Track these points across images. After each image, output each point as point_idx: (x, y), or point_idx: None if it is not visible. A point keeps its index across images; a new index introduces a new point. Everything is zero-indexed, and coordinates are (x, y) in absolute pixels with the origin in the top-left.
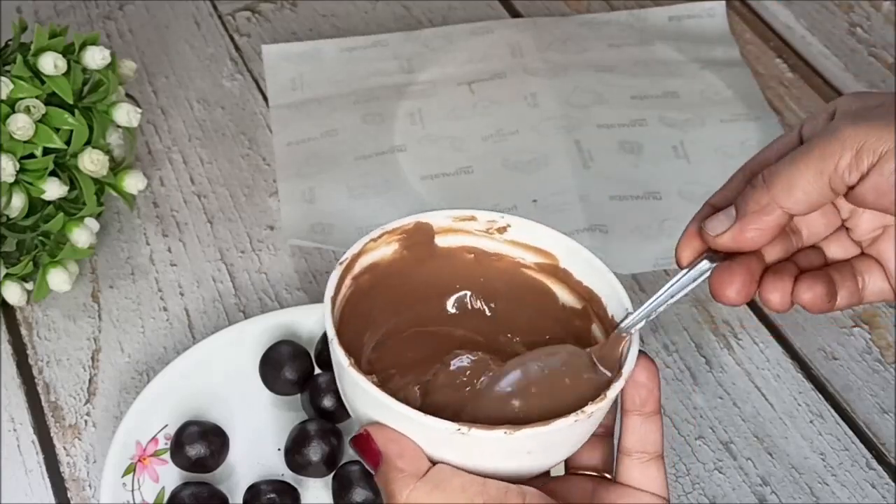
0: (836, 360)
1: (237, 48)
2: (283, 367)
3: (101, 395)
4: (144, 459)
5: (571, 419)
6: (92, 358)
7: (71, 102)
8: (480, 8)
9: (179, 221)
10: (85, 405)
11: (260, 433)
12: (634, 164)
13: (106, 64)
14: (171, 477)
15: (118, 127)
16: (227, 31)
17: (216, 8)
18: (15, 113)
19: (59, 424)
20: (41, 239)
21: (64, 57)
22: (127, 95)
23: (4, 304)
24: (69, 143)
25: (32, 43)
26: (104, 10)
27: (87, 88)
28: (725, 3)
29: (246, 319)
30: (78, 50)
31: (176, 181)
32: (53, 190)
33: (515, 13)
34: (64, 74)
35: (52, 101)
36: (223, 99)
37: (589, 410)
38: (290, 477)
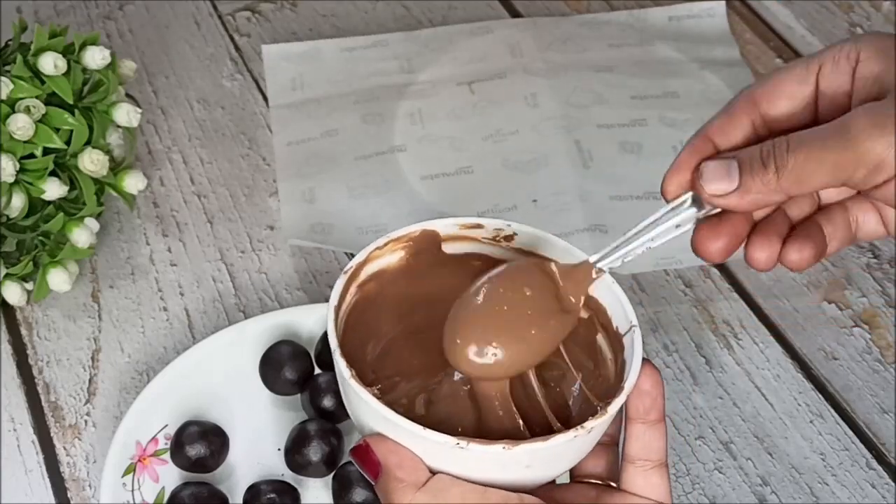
0: (836, 360)
1: (237, 48)
2: (283, 367)
3: (101, 395)
4: (144, 459)
5: (571, 434)
6: (92, 358)
7: (71, 102)
8: (480, 8)
9: (179, 221)
10: (85, 405)
11: (260, 433)
12: (634, 164)
13: (106, 64)
14: (171, 477)
15: (118, 127)
16: (227, 31)
17: (216, 8)
18: (15, 113)
19: (59, 424)
20: (41, 239)
21: (64, 57)
22: (127, 95)
23: (4, 304)
24: (69, 143)
25: (32, 43)
26: (104, 10)
27: (87, 88)
28: (725, 3)
29: (246, 319)
30: (78, 50)
31: (176, 181)
32: (53, 190)
33: (515, 13)
34: (64, 74)
35: (52, 101)
36: (223, 99)
37: (589, 426)
38: (290, 477)
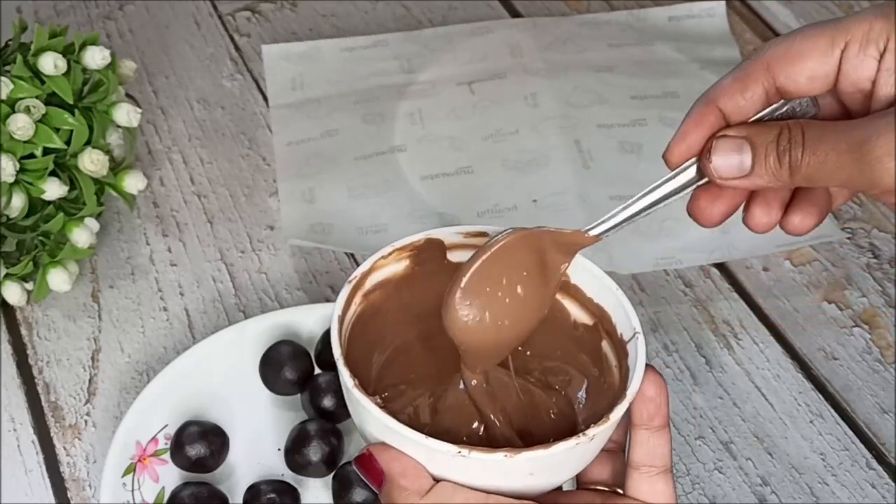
0: (836, 360)
1: (237, 48)
2: (283, 367)
3: (101, 395)
4: (144, 459)
5: (573, 442)
6: (92, 358)
7: (71, 102)
8: (480, 8)
9: (179, 221)
10: (85, 405)
11: (260, 433)
12: (634, 164)
13: (106, 64)
14: (171, 477)
15: (118, 127)
16: (227, 31)
17: (216, 8)
18: (15, 113)
19: (59, 424)
20: (41, 239)
21: (64, 57)
22: (127, 95)
23: (4, 304)
24: (69, 143)
25: (32, 43)
26: (104, 10)
27: (87, 88)
28: (725, 3)
29: (246, 319)
30: (78, 50)
31: (176, 181)
32: (53, 190)
33: (515, 13)
34: (64, 74)
35: (52, 101)
36: (223, 99)
37: (591, 433)
38: (290, 477)
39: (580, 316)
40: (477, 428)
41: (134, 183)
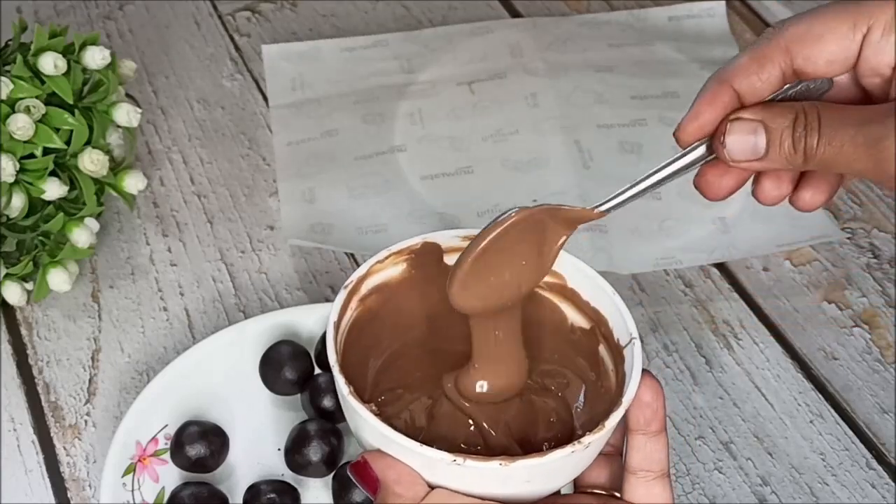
0: (836, 360)
1: (237, 48)
2: (283, 367)
3: (101, 395)
4: (144, 459)
5: (568, 450)
6: (92, 358)
7: (71, 102)
8: (480, 8)
9: (179, 221)
10: (85, 405)
11: (260, 433)
12: (634, 164)
13: (106, 64)
14: (171, 477)
15: (118, 127)
16: (227, 31)
17: (216, 8)
18: (15, 113)
19: (59, 424)
20: (41, 239)
21: (64, 57)
22: (127, 95)
23: (4, 304)
24: (69, 143)
25: (32, 43)
26: (104, 10)
27: (87, 88)
28: (725, 3)
29: (246, 319)
30: (78, 50)
31: (176, 181)
32: (53, 190)
33: (515, 13)
34: (64, 74)
35: (52, 101)
36: (223, 99)
37: (586, 441)
38: (290, 477)
39: (577, 320)
40: (473, 432)
41: (134, 183)
